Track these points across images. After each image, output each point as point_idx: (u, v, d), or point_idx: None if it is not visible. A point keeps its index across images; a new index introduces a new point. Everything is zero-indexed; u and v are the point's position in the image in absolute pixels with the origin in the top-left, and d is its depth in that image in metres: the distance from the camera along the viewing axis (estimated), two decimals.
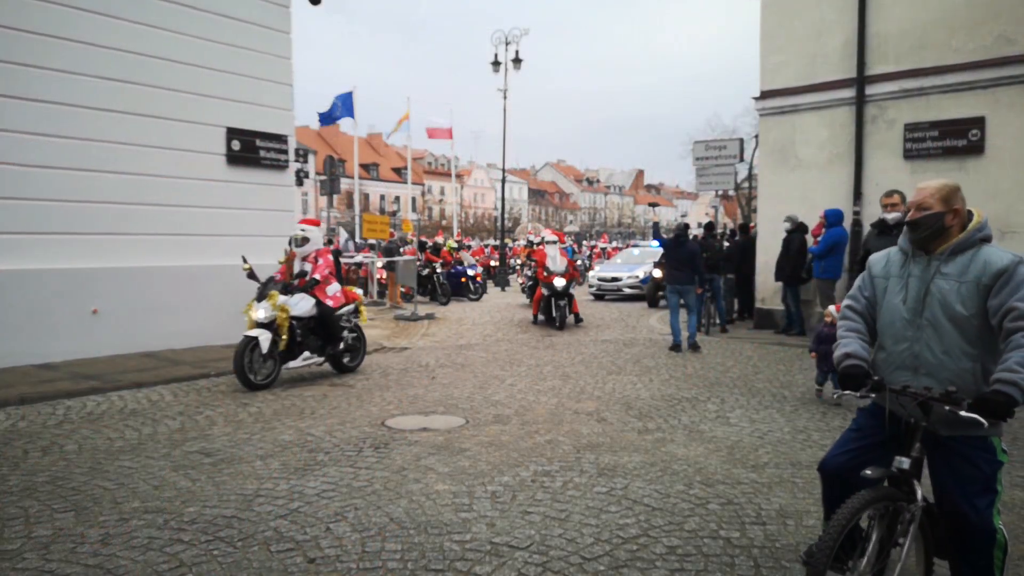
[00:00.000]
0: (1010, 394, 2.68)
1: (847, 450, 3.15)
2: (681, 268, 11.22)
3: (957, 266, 2.97)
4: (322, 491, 4.83)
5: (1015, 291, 2.82)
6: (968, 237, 2.99)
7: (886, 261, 3.20)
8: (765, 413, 7.13)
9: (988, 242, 3.01)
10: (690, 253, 11.29)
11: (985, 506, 2.88)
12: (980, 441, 2.90)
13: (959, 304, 2.92)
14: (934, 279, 3.00)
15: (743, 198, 41.55)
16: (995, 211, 10.79)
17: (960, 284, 2.94)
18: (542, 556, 3.85)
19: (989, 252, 2.95)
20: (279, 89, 11.85)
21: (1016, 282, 2.83)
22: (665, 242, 11.65)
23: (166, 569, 3.69)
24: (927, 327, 2.99)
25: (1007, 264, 2.87)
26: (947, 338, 2.95)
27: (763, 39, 13.32)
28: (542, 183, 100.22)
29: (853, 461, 3.06)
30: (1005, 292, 2.84)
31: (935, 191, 3.04)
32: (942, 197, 3.02)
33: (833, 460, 3.17)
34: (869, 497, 2.86)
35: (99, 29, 9.64)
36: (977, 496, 2.88)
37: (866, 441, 3.12)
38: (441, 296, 19.17)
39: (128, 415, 6.96)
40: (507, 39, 27.77)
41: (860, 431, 3.18)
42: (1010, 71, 10.76)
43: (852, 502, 2.84)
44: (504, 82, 27.92)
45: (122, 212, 9.89)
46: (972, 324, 2.91)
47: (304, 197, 58.91)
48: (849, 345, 3.18)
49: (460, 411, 7.15)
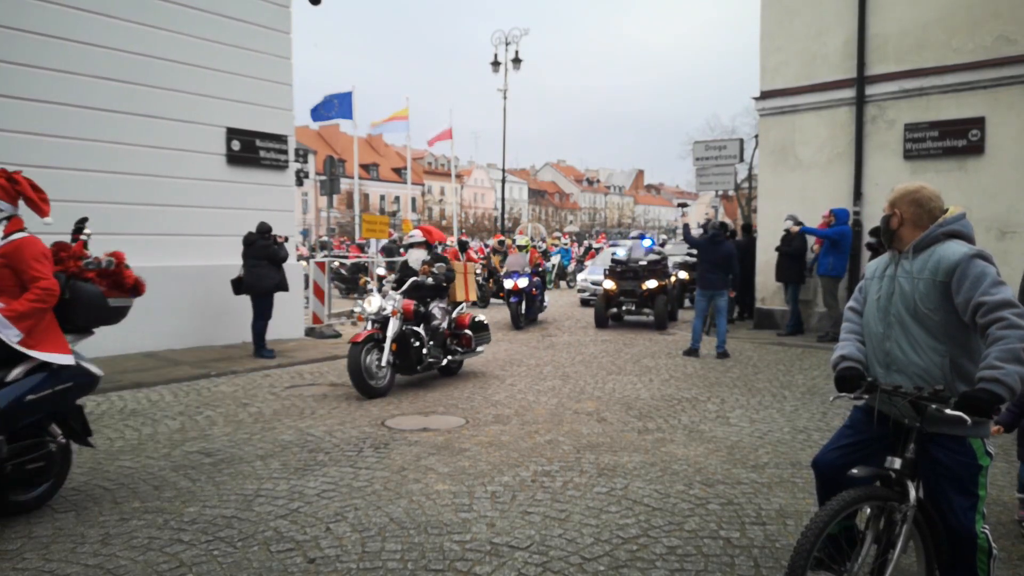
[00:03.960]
0: (992, 390, 2.65)
1: (839, 446, 3.14)
2: (715, 270, 10.56)
3: (918, 263, 2.98)
4: (322, 491, 4.83)
5: (975, 285, 2.79)
6: (928, 233, 2.99)
7: (878, 264, 3.23)
8: (765, 413, 7.13)
9: (957, 237, 2.97)
10: (727, 254, 10.63)
11: (964, 508, 2.83)
12: (958, 442, 2.86)
13: (918, 300, 2.93)
14: (897, 277, 3.04)
15: (743, 198, 41.57)
16: (995, 211, 10.81)
17: (918, 281, 2.95)
18: (542, 556, 3.85)
19: (946, 248, 2.93)
20: (279, 89, 11.85)
21: (972, 276, 2.81)
22: (699, 242, 10.99)
23: (166, 569, 3.69)
24: (895, 324, 3.01)
25: (958, 259, 2.85)
26: (912, 334, 2.95)
27: (763, 39, 13.32)
28: (542, 183, 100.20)
29: (845, 458, 3.05)
30: (965, 288, 2.82)
31: (891, 194, 3.13)
32: (891, 200, 3.10)
33: (825, 456, 3.15)
34: (852, 497, 2.82)
35: (99, 29, 9.64)
36: (955, 497, 2.84)
37: (859, 438, 3.10)
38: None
39: (128, 415, 6.95)
40: (507, 39, 27.78)
41: (853, 427, 3.16)
42: (1010, 71, 10.76)
43: (833, 503, 2.81)
44: (504, 82, 27.93)
45: (122, 212, 9.88)
46: (934, 320, 2.90)
47: (304, 197, 58.91)
48: (845, 348, 3.19)
49: (460, 411, 7.15)
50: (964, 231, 3.00)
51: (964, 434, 2.85)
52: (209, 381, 8.66)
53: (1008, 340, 2.69)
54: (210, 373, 8.92)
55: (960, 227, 3.00)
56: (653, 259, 14.40)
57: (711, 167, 15.39)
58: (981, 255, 2.86)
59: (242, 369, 9.26)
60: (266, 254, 9.87)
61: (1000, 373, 2.66)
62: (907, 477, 2.87)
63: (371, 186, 70.48)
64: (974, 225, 3.16)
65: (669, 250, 26.34)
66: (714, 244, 10.66)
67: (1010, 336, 2.69)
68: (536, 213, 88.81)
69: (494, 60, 28.08)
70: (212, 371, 8.99)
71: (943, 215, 3.03)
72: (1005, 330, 2.70)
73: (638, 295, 13.68)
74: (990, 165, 10.97)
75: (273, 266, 9.95)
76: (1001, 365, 2.67)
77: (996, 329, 2.73)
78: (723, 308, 10.80)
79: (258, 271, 9.83)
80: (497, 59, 28.05)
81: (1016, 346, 2.68)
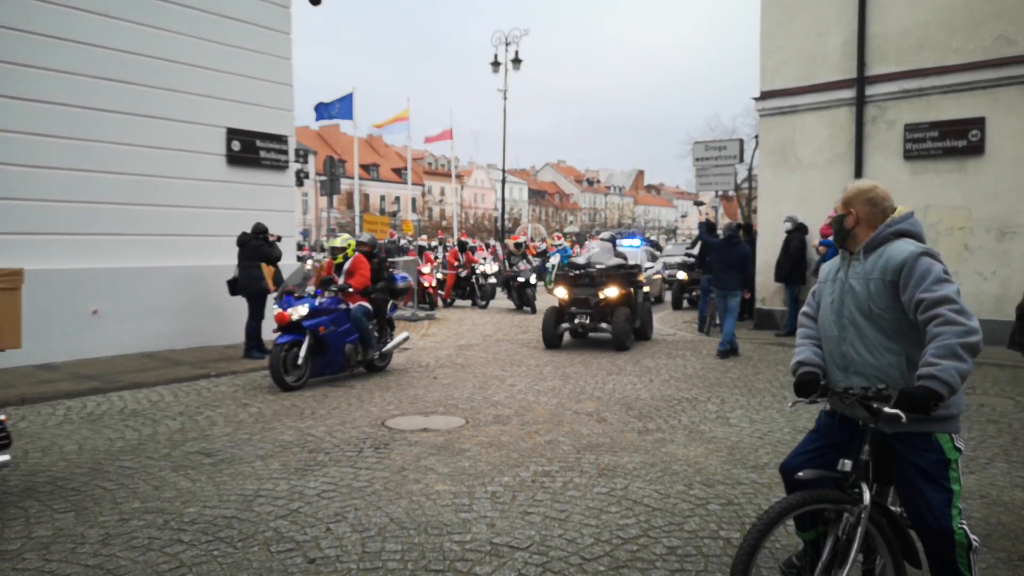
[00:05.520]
0: (930, 387, 2.64)
1: (806, 451, 3.09)
2: (729, 271, 10.60)
3: (868, 264, 2.96)
4: (322, 491, 4.83)
5: (919, 282, 2.79)
6: (877, 233, 2.97)
7: (831, 267, 3.20)
8: (765, 413, 7.13)
9: (906, 236, 2.96)
10: (742, 255, 10.69)
11: (940, 504, 2.79)
12: (924, 439, 2.83)
13: (869, 301, 2.92)
14: (849, 278, 3.02)
15: (743, 198, 41.59)
16: (995, 211, 10.80)
17: (868, 281, 2.93)
18: (542, 556, 3.85)
19: (894, 247, 2.92)
20: (279, 89, 11.86)
21: (918, 273, 2.80)
22: (715, 243, 11.05)
23: (166, 569, 3.69)
24: (849, 326, 2.99)
25: (906, 257, 2.84)
26: (866, 335, 2.94)
27: (763, 39, 13.32)
28: (542, 183, 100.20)
29: (811, 463, 3.00)
30: (911, 285, 2.81)
31: (844, 193, 3.10)
32: (845, 200, 3.07)
33: (792, 461, 3.09)
34: (798, 500, 2.78)
35: (99, 29, 9.65)
36: (930, 494, 2.79)
37: (825, 442, 3.06)
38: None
39: (128, 415, 6.96)
40: (507, 39, 27.80)
41: (818, 432, 3.12)
42: (1010, 72, 10.77)
43: (776, 505, 2.77)
44: (504, 82, 27.95)
45: (122, 212, 9.89)
46: (886, 320, 2.90)
47: (304, 197, 58.90)
48: (802, 353, 3.17)
49: (460, 411, 7.15)
50: (913, 230, 2.99)
51: (929, 430, 2.83)
52: (209, 381, 8.66)
53: (944, 336, 2.69)
54: (210, 373, 8.92)
55: (909, 226, 2.99)
56: (616, 262, 12.00)
57: (711, 167, 15.39)
58: (928, 253, 2.85)
59: (242, 369, 9.26)
60: (258, 254, 9.89)
61: (937, 370, 2.66)
62: (861, 479, 2.81)
63: (371, 186, 70.49)
64: (974, 226, 3.16)
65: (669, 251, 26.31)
66: (729, 245, 10.73)
67: (946, 332, 2.69)
68: (536, 213, 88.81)
69: (494, 60, 28.10)
70: (212, 371, 8.99)
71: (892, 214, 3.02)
72: (942, 327, 2.71)
73: (593, 305, 11.19)
74: (990, 165, 10.97)
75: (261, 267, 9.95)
76: (937, 362, 2.67)
77: (934, 326, 2.73)
78: (734, 308, 10.81)
79: (251, 272, 9.86)
80: (497, 59, 28.06)
81: (952, 342, 2.67)
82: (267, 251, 9.95)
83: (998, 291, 10.46)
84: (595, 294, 11.20)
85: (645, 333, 12.16)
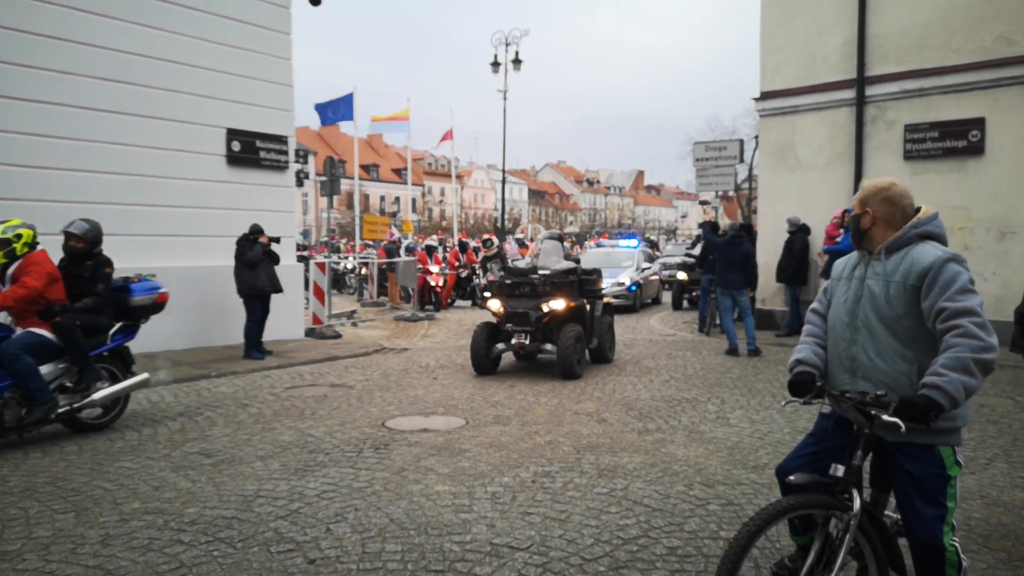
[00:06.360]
0: (932, 397, 2.56)
1: (802, 455, 3.03)
2: (733, 270, 10.70)
3: (890, 265, 2.84)
4: (322, 492, 4.83)
5: (943, 290, 2.67)
6: (902, 234, 2.85)
7: (845, 263, 3.11)
8: (765, 414, 7.13)
9: (931, 239, 2.85)
10: (746, 255, 10.84)
11: (931, 519, 2.71)
12: (924, 451, 2.75)
13: (887, 304, 2.81)
14: (867, 279, 2.91)
15: (743, 199, 41.61)
16: (995, 211, 10.80)
17: (888, 284, 2.82)
18: (542, 557, 3.85)
19: (919, 250, 2.80)
20: (279, 90, 11.86)
21: (943, 280, 2.68)
22: (719, 243, 11.09)
23: (166, 570, 3.69)
24: (862, 329, 2.88)
25: (932, 262, 2.72)
26: (880, 340, 2.83)
27: (763, 39, 13.33)
28: (542, 184, 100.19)
29: (807, 467, 2.93)
30: (934, 292, 2.70)
31: (860, 192, 2.99)
32: (861, 198, 2.95)
33: (787, 465, 3.02)
34: (788, 505, 2.73)
35: (99, 29, 9.65)
36: (923, 508, 2.72)
37: (821, 446, 2.98)
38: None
39: (128, 415, 6.95)
40: (507, 40, 27.80)
41: (815, 436, 3.05)
42: (1010, 72, 10.77)
43: (765, 510, 2.71)
44: (504, 83, 27.95)
45: (122, 212, 9.88)
46: (903, 325, 2.79)
47: (304, 198, 58.91)
48: (801, 351, 3.09)
49: (460, 412, 7.15)
50: (939, 232, 2.88)
51: (932, 442, 2.74)
52: (209, 382, 8.66)
53: (960, 348, 2.60)
54: (210, 373, 8.92)
55: (934, 227, 2.87)
56: (566, 267, 9.42)
57: (711, 168, 15.41)
58: (956, 259, 2.74)
59: (242, 370, 9.27)
60: (237, 254, 9.96)
61: (943, 380, 2.57)
62: (852, 485, 2.74)
63: (371, 187, 70.48)
64: (974, 226, 3.13)
65: (668, 251, 26.30)
66: (733, 245, 10.82)
67: (962, 345, 2.60)
68: (536, 214, 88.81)
69: (494, 61, 28.10)
70: (212, 371, 9.00)
71: (916, 214, 2.89)
72: (959, 338, 2.61)
73: (532, 321, 8.96)
74: (990, 166, 10.97)
75: (247, 267, 9.95)
76: (946, 373, 2.58)
77: (951, 336, 2.63)
78: (747, 306, 10.91)
79: (239, 273, 9.98)
80: (497, 60, 28.06)
81: (965, 355, 2.58)
82: (241, 251, 9.96)
83: (998, 291, 10.45)
84: (536, 307, 8.97)
85: (604, 354, 9.78)
